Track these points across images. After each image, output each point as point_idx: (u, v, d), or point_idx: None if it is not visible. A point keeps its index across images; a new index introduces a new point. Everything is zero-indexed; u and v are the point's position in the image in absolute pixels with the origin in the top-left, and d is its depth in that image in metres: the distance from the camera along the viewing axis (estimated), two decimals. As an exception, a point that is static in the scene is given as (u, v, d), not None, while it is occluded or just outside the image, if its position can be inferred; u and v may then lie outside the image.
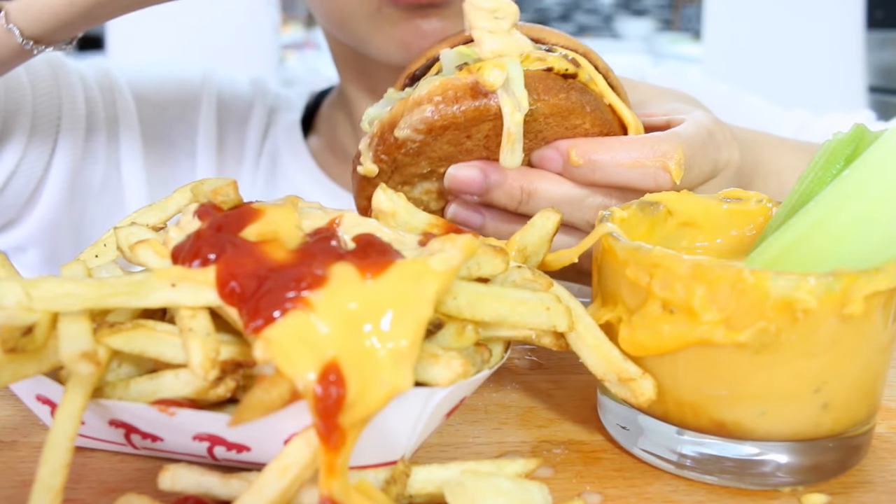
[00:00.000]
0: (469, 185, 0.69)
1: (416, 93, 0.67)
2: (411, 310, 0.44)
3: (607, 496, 0.50)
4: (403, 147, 0.68)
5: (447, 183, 0.71)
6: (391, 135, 0.68)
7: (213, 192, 0.52)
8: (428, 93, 0.66)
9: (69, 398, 0.44)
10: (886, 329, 0.49)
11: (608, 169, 0.67)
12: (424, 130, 0.66)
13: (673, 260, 0.48)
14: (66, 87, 1.06)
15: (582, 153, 0.67)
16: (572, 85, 0.68)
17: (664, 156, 0.66)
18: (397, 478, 0.46)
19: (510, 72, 0.64)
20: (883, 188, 0.48)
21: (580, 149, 0.67)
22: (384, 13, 0.99)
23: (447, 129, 0.66)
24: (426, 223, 0.54)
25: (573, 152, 0.67)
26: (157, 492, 0.45)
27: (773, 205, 0.62)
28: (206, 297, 0.46)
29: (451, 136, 0.67)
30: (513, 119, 0.64)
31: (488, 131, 0.67)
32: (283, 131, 1.24)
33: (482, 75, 0.64)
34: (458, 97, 0.65)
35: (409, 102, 0.67)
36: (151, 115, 1.16)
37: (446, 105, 0.65)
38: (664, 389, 0.51)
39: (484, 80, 0.64)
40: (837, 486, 0.51)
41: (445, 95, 0.65)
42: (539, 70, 0.67)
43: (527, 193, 0.68)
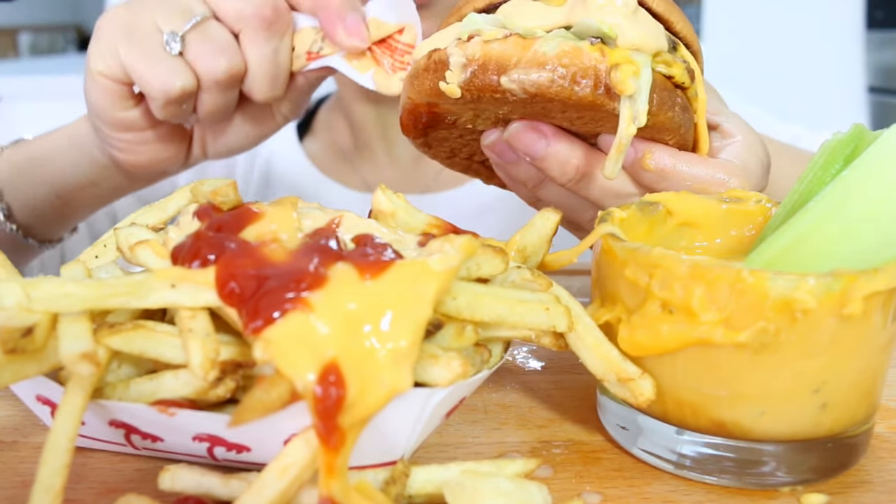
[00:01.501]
0: (530, 148, 0.68)
1: (542, 47, 0.62)
2: (411, 310, 0.44)
3: (607, 496, 0.50)
4: (500, 93, 0.63)
5: (508, 135, 0.69)
6: (496, 77, 0.63)
7: (213, 193, 0.52)
8: (556, 55, 0.61)
9: (69, 399, 0.44)
10: (885, 329, 0.50)
11: (674, 183, 0.67)
12: (533, 93, 0.62)
13: (672, 260, 0.48)
14: None
15: (657, 161, 0.67)
16: (679, 101, 0.66)
17: (726, 184, 0.67)
18: (397, 478, 0.46)
19: (642, 82, 0.62)
20: (882, 188, 0.48)
21: (656, 156, 0.67)
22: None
23: (553, 101, 0.63)
24: (426, 223, 0.54)
25: (648, 157, 0.67)
26: (157, 492, 0.45)
27: (772, 205, 0.62)
28: (206, 297, 0.46)
29: (551, 106, 0.64)
30: (627, 131, 0.62)
31: (584, 115, 0.65)
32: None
33: (617, 76, 0.61)
34: (581, 78, 0.61)
35: (529, 53, 0.62)
36: None
37: (568, 81, 0.61)
38: (663, 389, 0.51)
39: (617, 84, 0.61)
40: (836, 486, 0.51)
41: (569, 70, 0.61)
42: (661, 75, 0.65)
43: (581, 174, 0.68)
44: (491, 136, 0.71)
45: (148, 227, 0.52)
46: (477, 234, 0.52)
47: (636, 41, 0.62)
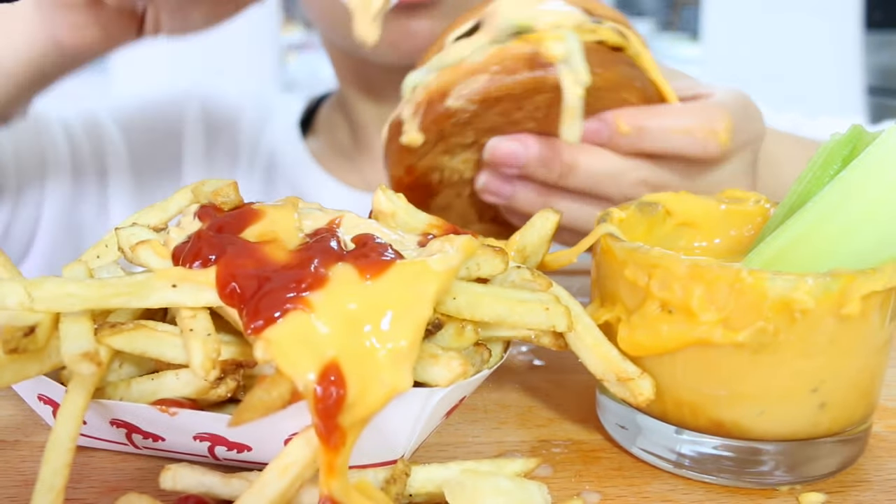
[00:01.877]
0: (510, 158, 0.68)
1: (471, 60, 0.65)
2: (411, 310, 0.44)
3: (606, 495, 0.50)
4: (454, 117, 0.66)
5: (487, 155, 0.69)
6: (442, 104, 0.66)
7: (214, 193, 0.53)
8: (484, 61, 0.64)
9: (71, 398, 0.44)
10: (884, 329, 0.50)
11: (657, 135, 0.66)
12: (479, 100, 0.65)
13: (671, 260, 0.49)
14: (47, 134, 1.07)
15: (630, 120, 0.67)
16: (622, 59, 0.67)
17: (713, 122, 0.66)
18: (397, 477, 0.46)
19: (570, 44, 0.64)
20: (880, 189, 0.48)
21: (628, 116, 0.67)
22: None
23: (501, 101, 0.65)
24: (426, 224, 0.55)
25: (621, 120, 0.67)
26: (158, 491, 0.45)
27: (770, 205, 0.62)
28: (207, 297, 0.46)
29: (504, 108, 0.66)
30: (573, 93, 0.63)
31: (540, 103, 0.66)
32: (280, 133, 1.24)
33: (544, 46, 0.63)
34: (516, 67, 0.64)
35: (462, 70, 0.65)
36: (140, 141, 1.17)
37: (504, 75, 0.64)
38: (663, 389, 0.51)
39: (545, 51, 0.63)
40: (835, 485, 0.52)
41: (503, 65, 0.64)
42: (592, 42, 0.66)
43: (569, 167, 0.68)
44: (481, 178, 0.72)
45: (149, 227, 0.52)
46: (477, 235, 0.53)
47: (553, 21, 0.65)
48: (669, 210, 0.61)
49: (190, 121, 1.20)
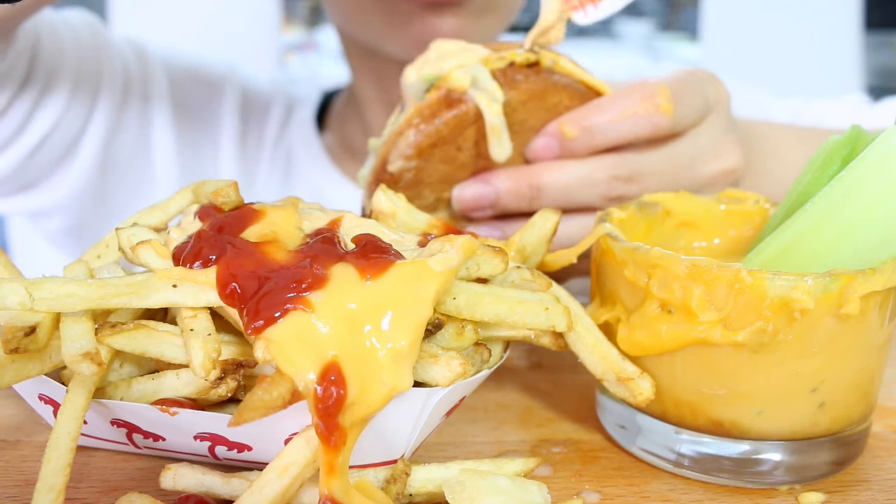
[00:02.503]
0: (477, 200, 0.69)
1: (394, 127, 0.67)
2: (411, 310, 0.44)
3: (606, 495, 0.50)
4: (401, 180, 0.68)
5: (456, 206, 0.70)
6: (385, 173, 0.68)
7: (214, 194, 0.53)
8: (406, 120, 0.66)
9: (71, 398, 0.45)
10: (882, 329, 0.50)
11: (604, 128, 0.66)
12: (414, 155, 0.66)
13: (671, 260, 0.49)
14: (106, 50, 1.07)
15: (573, 124, 0.67)
16: (538, 70, 0.68)
17: (651, 96, 0.66)
18: (397, 477, 0.46)
19: (474, 70, 0.65)
20: (879, 189, 0.48)
21: (570, 121, 0.67)
22: (399, 9, 1.00)
23: (436, 147, 0.66)
24: (426, 224, 0.55)
25: (565, 127, 0.67)
26: (158, 491, 0.45)
27: (770, 205, 0.62)
28: (207, 297, 0.46)
29: (442, 154, 0.67)
30: (491, 111, 0.64)
31: (475, 136, 0.67)
32: (297, 128, 1.24)
33: (449, 82, 0.65)
34: (434, 112, 0.66)
35: (392, 137, 0.67)
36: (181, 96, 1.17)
37: (426, 123, 0.66)
38: (662, 389, 0.51)
39: (452, 85, 0.65)
40: (834, 485, 0.52)
41: (423, 115, 0.66)
42: (502, 67, 0.67)
43: (535, 188, 0.68)
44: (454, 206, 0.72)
45: (150, 228, 0.52)
46: (477, 235, 0.53)
47: (457, 63, 0.67)
48: (669, 210, 0.61)
49: (228, 101, 1.20)
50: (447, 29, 0.99)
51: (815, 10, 2.48)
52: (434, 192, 0.71)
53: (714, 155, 0.72)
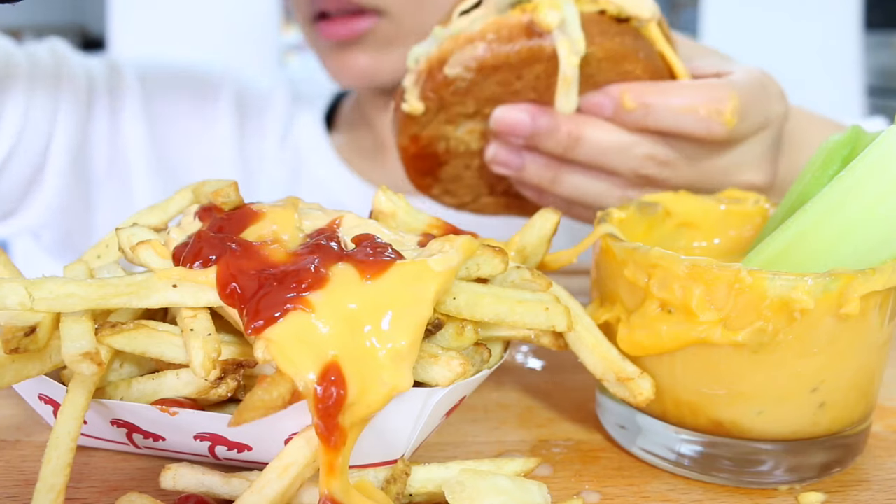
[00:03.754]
0: (516, 127, 0.68)
1: (469, 30, 0.65)
2: (411, 310, 0.44)
3: (606, 495, 0.50)
4: (452, 85, 0.66)
5: (493, 124, 0.69)
6: (440, 72, 0.66)
7: (214, 194, 0.53)
8: (481, 30, 0.64)
9: (71, 398, 0.45)
10: (882, 329, 0.50)
11: (661, 112, 0.66)
12: (475, 69, 0.65)
13: (671, 260, 0.49)
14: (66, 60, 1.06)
15: (635, 96, 0.66)
16: (626, 29, 0.66)
17: (719, 102, 0.65)
18: (397, 477, 0.46)
19: (566, 13, 0.63)
20: (879, 189, 0.48)
21: (633, 92, 0.66)
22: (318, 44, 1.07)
23: (499, 70, 0.65)
24: (426, 224, 0.55)
25: (626, 96, 0.66)
26: (158, 491, 0.45)
27: (770, 205, 0.62)
28: (207, 297, 0.46)
29: (502, 77, 0.66)
30: (569, 62, 0.63)
31: (540, 73, 0.66)
32: (306, 126, 1.25)
33: (538, 15, 0.63)
34: (512, 36, 0.64)
35: (461, 39, 0.65)
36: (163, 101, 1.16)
37: (500, 44, 0.64)
38: (662, 389, 0.51)
39: (540, 19, 0.63)
40: (834, 485, 0.52)
41: (499, 34, 0.64)
42: (593, 12, 0.65)
43: (574, 139, 0.67)
44: (490, 149, 0.72)
45: (150, 228, 0.52)
46: (477, 235, 0.53)
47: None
48: (669, 210, 0.61)
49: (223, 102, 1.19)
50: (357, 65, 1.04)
51: (815, 10, 2.48)
52: (477, 106, 0.70)
53: (750, 168, 0.72)
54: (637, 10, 0.66)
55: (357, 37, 1.02)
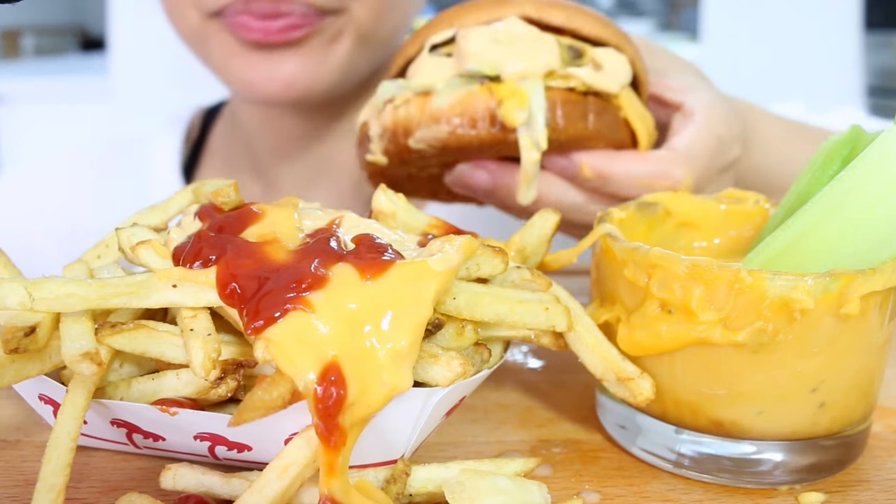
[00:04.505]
0: (476, 186, 0.70)
1: (436, 101, 0.65)
2: (411, 310, 0.44)
3: (606, 495, 0.50)
4: (415, 152, 0.68)
5: (453, 181, 0.71)
6: (404, 140, 0.67)
7: (214, 194, 0.53)
8: (448, 107, 0.65)
9: (71, 398, 0.45)
10: (882, 329, 0.50)
11: (618, 184, 0.67)
12: (439, 147, 0.66)
13: (671, 260, 0.49)
14: None
15: (594, 167, 0.67)
16: (592, 106, 0.66)
17: (674, 179, 0.67)
18: (397, 477, 0.46)
19: (532, 107, 0.64)
20: (879, 189, 0.48)
21: (593, 162, 0.67)
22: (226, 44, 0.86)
23: (462, 149, 0.66)
24: (426, 224, 0.55)
25: (586, 166, 0.67)
26: (158, 491, 0.45)
27: (770, 205, 0.62)
28: (207, 297, 0.46)
29: (465, 151, 0.67)
30: (530, 159, 0.64)
31: (502, 149, 0.67)
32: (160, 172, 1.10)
33: (504, 111, 0.63)
34: (476, 122, 0.64)
35: (426, 112, 0.66)
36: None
37: (464, 128, 0.65)
38: (662, 389, 0.51)
39: (506, 117, 0.63)
40: (834, 485, 0.52)
41: (464, 117, 0.65)
42: (562, 88, 0.66)
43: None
44: (448, 178, 0.73)
45: (150, 228, 0.52)
46: (477, 235, 0.53)
47: (520, 70, 0.64)
48: (669, 210, 0.61)
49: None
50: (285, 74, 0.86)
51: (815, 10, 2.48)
52: (439, 167, 0.71)
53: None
54: (605, 85, 0.66)
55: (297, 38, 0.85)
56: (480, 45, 0.66)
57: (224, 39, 0.87)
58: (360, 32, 0.89)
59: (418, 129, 0.66)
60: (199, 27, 0.88)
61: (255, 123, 1.04)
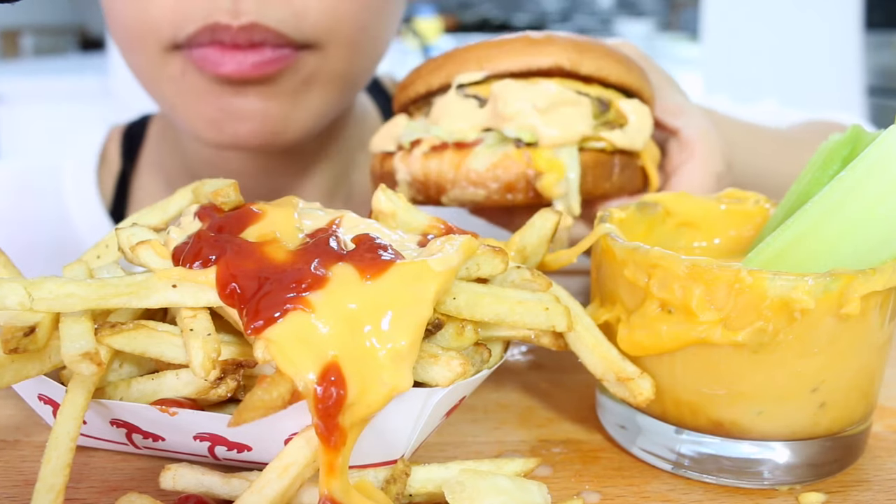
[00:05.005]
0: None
1: (473, 163, 0.65)
2: (411, 310, 0.44)
3: (606, 495, 0.50)
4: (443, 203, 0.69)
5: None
6: (436, 195, 0.68)
7: (214, 194, 0.53)
8: (485, 170, 0.65)
9: (71, 398, 0.44)
10: (883, 329, 0.50)
11: None
12: (471, 207, 0.68)
13: (671, 260, 0.49)
14: None
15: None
16: (617, 163, 0.68)
17: None
18: (397, 477, 0.46)
19: (569, 176, 0.65)
20: (879, 189, 0.48)
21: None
22: (189, 81, 0.79)
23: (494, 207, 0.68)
24: (426, 224, 0.55)
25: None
26: (158, 491, 0.45)
27: (770, 205, 0.62)
28: (207, 297, 0.46)
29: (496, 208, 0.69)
30: (564, 226, 0.65)
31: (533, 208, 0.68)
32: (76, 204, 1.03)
33: (544, 185, 0.65)
34: (512, 188, 0.65)
35: (461, 171, 0.66)
36: None
37: (501, 194, 0.66)
38: (662, 389, 0.51)
39: (545, 190, 0.65)
40: (834, 485, 0.52)
41: (501, 182, 0.65)
42: (593, 152, 0.67)
43: None
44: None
45: (149, 228, 0.52)
46: (477, 235, 0.53)
47: (557, 138, 0.65)
48: (669, 210, 0.61)
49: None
50: (250, 112, 0.79)
51: (815, 11, 2.48)
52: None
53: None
54: (632, 145, 0.68)
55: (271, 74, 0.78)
56: (517, 106, 0.66)
57: (188, 78, 0.80)
58: (334, 75, 0.83)
59: (453, 189, 0.67)
60: (158, 61, 0.80)
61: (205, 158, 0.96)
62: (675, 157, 0.74)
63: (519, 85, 0.67)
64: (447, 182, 0.67)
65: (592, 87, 0.70)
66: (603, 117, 0.69)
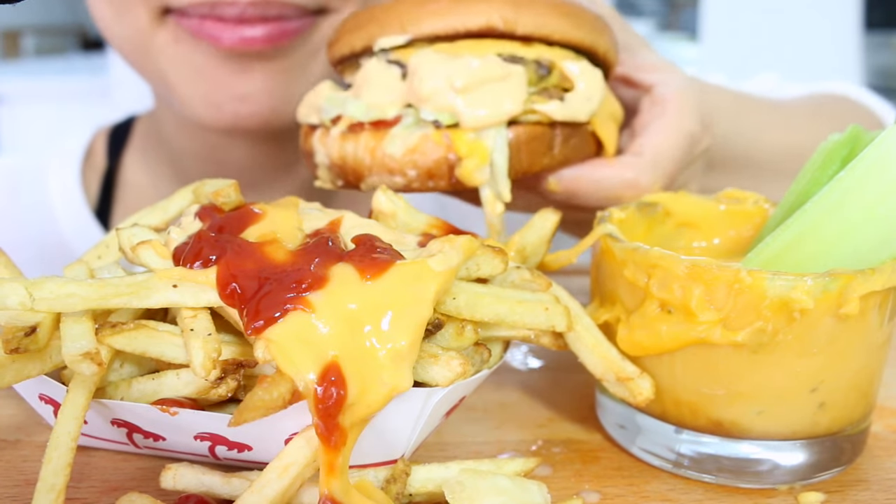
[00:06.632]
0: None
1: (388, 148, 0.59)
2: (411, 310, 0.44)
3: (606, 495, 0.50)
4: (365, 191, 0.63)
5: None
6: (354, 181, 0.61)
7: (215, 194, 0.53)
8: (402, 156, 0.58)
9: (72, 398, 0.45)
10: (882, 329, 0.50)
11: (585, 197, 0.64)
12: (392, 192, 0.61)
13: (671, 260, 0.49)
14: None
15: (561, 183, 0.64)
16: (559, 134, 0.61)
17: (640, 189, 0.64)
18: (397, 477, 0.46)
19: (494, 160, 0.58)
20: (879, 189, 0.48)
21: (561, 179, 0.64)
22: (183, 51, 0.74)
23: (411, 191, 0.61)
24: (426, 224, 0.55)
25: (552, 180, 0.64)
26: (159, 490, 0.45)
27: (770, 205, 0.62)
28: (208, 297, 0.46)
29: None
30: (494, 213, 0.60)
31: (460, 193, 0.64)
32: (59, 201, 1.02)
33: (463, 172, 0.58)
34: (432, 175, 0.58)
35: (377, 157, 0.59)
36: None
37: (420, 181, 0.59)
38: (662, 389, 0.51)
39: (465, 177, 0.58)
40: (834, 485, 0.52)
41: (418, 168, 0.58)
42: (527, 125, 0.60)
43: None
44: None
45: (150, 228, 0.52)
46: (477, 235, 0.53)
47: (480, 119, 0.58)
48: (669, 210, 0.61)
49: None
50: (253, 91, 0.75)
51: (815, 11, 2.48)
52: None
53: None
54: (574, 116, 0.61)
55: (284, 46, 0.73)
56: (433, 84, 0.58)
57: (182, 48, 0.75)
58: None
59: (370, 176, 0.60)
60: (147, 29, 0.75)
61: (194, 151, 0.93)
62: (646, 113, 0.68)
63: (438, 58, 0.59)
64: (364, 168, 0.60)
65: (533, 47, 0.61)
66: (543, 82, 0.61)
